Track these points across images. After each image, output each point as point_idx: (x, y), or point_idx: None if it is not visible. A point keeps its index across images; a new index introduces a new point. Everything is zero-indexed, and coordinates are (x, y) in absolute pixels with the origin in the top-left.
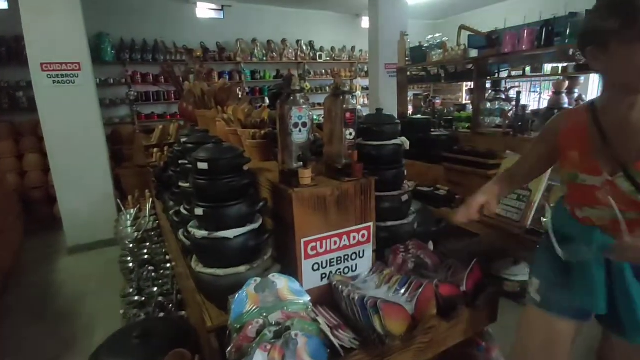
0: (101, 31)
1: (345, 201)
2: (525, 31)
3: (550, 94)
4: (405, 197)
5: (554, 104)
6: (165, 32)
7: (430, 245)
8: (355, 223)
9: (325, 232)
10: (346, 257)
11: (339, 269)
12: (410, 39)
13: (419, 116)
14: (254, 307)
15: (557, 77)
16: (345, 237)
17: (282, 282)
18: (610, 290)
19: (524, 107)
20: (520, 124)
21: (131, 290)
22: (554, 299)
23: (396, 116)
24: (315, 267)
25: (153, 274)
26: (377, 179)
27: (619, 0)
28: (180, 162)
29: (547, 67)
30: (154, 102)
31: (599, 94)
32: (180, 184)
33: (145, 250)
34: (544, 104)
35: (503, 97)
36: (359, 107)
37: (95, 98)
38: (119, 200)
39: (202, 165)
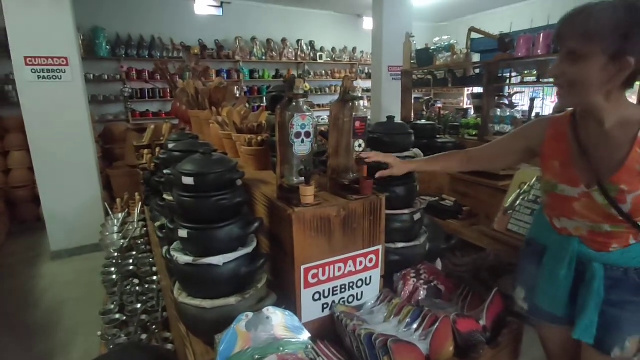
0: (96, 25)
1: (352, 222)
2: (542, 35)
3: (555, 99)
4: (417, 216)
5: (559, 109)
6: (162, 28)
7: (439, 263)
8: (363, 246)
9: (329, 257)
10: (351, 284)
11: (343, 297)
12: (415, 42)
13: (423, 122)
14: (245, 348)
15: None
16: (350, 262)
17: (277, 318)
18: (572, 296)
19: (538, 114)
20: None
21: (112, 306)
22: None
23: (399, 121)
24: (317, 296)
25: (137, 288)
26: (387, 196)
27: (575, 15)
28: (165, 171)
29: None
30: (149, 99)
31: None
32: (165, 196)
33: (131, 261)
34: (542, 110)
35: (506, 102)
36: (362, 107)
37: (84, 95)
38: (106, 204)
39: (188, 180)
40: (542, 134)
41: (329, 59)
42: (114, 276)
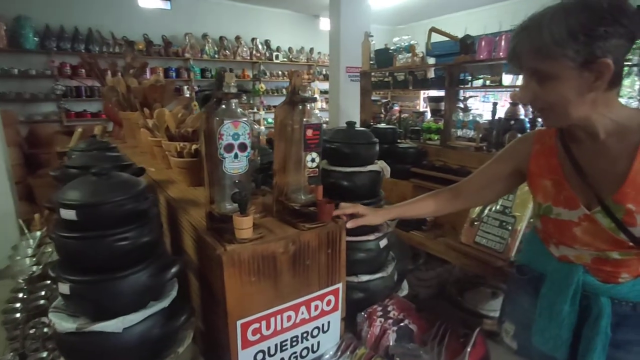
0: (20, 14)
1: (304, 258)
2: (503, 37)
3: (507, 104)
4: (384, 242)
5: (511, 114)
6: (101, 20)
7: (405, 286)
8: (319, 287)
9: (275, 305)
10: (305, 334)
11: (295, 352)
12: (374, 42)
13: (383, 125)
14: None
15: None
16: (303, 308)
17: None
18: (576, 336)
19: (500, 119)
20: (495, 137)
21: (10, 357)
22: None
23: (358, 124)
24: (260, 356)
25: (46, 330)
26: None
27: (525, 29)
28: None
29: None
30: (87, 98)
31: None
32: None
33: (43, 293)
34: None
35: (461, 106)
36: (316, 111)
37: None
38: (21, 221)
39: (68, 214)
40: (528, 150)
41: (285, 59)
42: (18, 314)
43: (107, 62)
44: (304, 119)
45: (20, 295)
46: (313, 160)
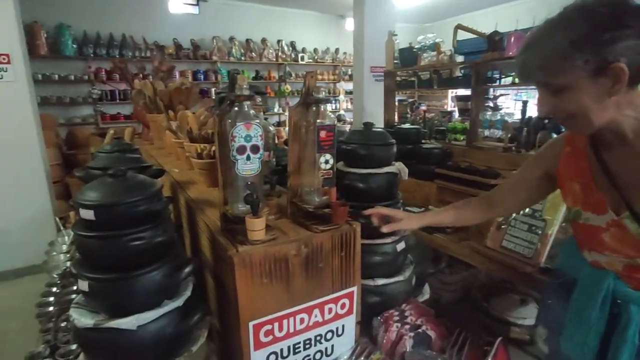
0: (61, 22)
1: (317, 261)
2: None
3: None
4: (401, 245)
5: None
6: (134, 26)
7: (426, 290)
8: (333, 290)
9: (288, 307)
10: (318, 337)
11: (308, 355)
12: (398, 41)
13: (407, 125)
14: None
15: None
16: (317, 311)
17: None
18: (604, 343)
19: (530, 118)
20: (525, 137)
21: (42, 347)
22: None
23: (382, 124)
24: (272, 358)
25: None
26: (363, 223)
27: (530, 45)
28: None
29: None
30: (120, 101)
31: None
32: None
33: (75, 288)
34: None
35: (491, 105)
36: (342, 112)
37: (30, 96)
38: (57, 218)
39: (87, 214)
40: (558, 152)
41: (310, 60)
42: (51, 308)
43: (137, 67)
44: (318, 120)
45: (54, 289)
46: (327, 161)
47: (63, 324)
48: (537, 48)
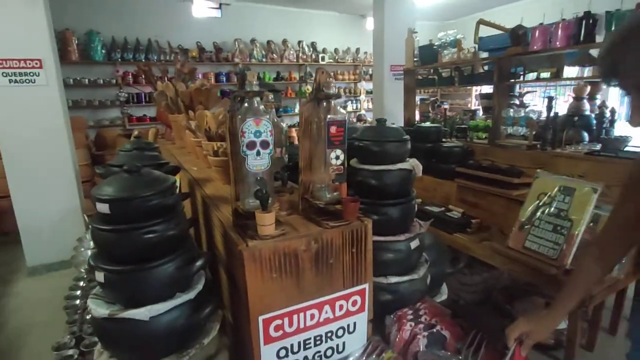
0: (91, 29)
1: (327, 257)
2: (560, 25)
3: (570, 99)
4: (415, 243)
5: (575, 110)
6: (159, 31)
7: (444, 290)
8: (344, 286)
9: (297, 303)
10: (329, 334)
11: (319, 351)
12: (418, 38)
13: (428, 124)
14: None
15: (596, 79)
16: (327, 307)
17: None
18: None
19: (556, 115)
20: (552, 135)
21: (67, 338)
22: None
23: (402, 123)
24: (282, 353)
25: None
26: (376, 220)
27: (616, 47)
28: None
29: (568, 70)
30: (146, 104)
31: None
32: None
33: None
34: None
35: (517, 102)
36: (363, 111)
37: (60, 99)
38: (85, 216)
39: (102, 208)
40: None
41: (331, 60)
42: (78, 301)
43: (160, 70)
44: (329, 116)
45: (81, 283)
46: (337, 157)
47: (88, 317)
48: (635, 45)
